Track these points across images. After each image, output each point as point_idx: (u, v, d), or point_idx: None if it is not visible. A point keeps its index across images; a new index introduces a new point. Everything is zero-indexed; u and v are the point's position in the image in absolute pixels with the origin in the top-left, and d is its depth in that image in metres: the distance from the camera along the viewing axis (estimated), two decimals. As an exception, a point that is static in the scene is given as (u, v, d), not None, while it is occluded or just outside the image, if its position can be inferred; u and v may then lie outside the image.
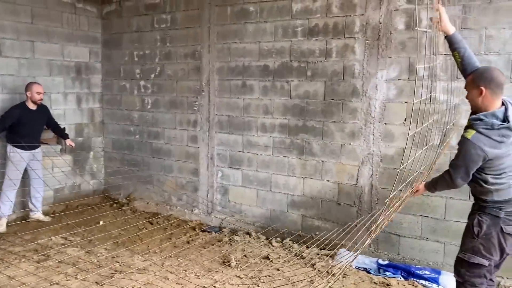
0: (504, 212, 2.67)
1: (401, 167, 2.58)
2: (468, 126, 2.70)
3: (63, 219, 5.69)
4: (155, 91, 6.11)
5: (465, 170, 2.68)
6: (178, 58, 5.84)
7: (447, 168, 2.85)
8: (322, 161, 4.80)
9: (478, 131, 2.61)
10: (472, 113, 2.78)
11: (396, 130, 4.31)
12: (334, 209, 4.76)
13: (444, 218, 4.13)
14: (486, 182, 2.70)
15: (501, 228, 2.68)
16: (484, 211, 2.73)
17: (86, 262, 4.27)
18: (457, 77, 3.98)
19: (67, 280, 3.86)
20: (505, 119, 2.61)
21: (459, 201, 4.05)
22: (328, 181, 4.78)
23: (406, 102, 4.23)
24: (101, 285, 3.77)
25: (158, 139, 6.15)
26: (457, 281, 2.89)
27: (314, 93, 4.78)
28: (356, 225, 4.60)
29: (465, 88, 2.80)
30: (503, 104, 2.67)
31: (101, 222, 5.57)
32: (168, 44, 5.91)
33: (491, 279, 2.82)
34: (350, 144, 4.60)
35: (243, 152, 5.40)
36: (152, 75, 6.11)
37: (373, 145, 4.45)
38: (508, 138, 2.61)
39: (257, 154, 5.28)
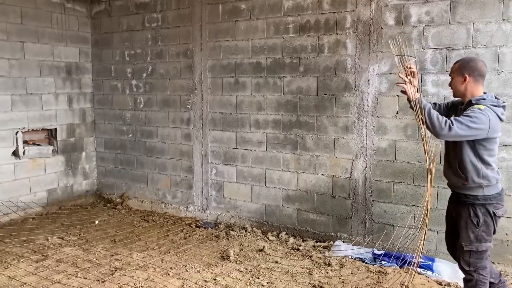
0: (492, 199, 2.88)
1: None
2: (474, 105, 2.85)
3: (58, 220, 5.68)
4: (148, 90, 6.12)
5: (467, 132, 2.74)
6: (170, 57, 5.87)
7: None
8: (316, 155, 4.89)
9: (487, 106, 2.81)
10: (460, 102, 3.04)
11: (388, 123, 4.43)
12: (329, 202, 4.85)
13: (436, 207, 4.25)
14: (478, 176, 2.86)
15: (493, 212, 2.89)
16: (475, 201, 2.89)
17: (85, 261, 4.29)
18: (446, 70, 4.10)
19: (68, 279, 3.88)
20: None
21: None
22: (322, 175, 4.87)
23: (397, 95, 4.34)
24: (103, 282, 3.80)
25: (152, 138, 6.16)
26: (468, 271, 2.98)
27: (307, 88, 4.87)
28: (351, 218, 4.71)
29: (450, 75, 3.03)
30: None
31: (96, 222, 5.57)
32: (159, 43, 5.93)
33: None
34: (343, 138, 4.70)
35: (237, 148, 5.45)
36: (144, 74, 6.12)
37: (366, 138, 4.56)
38: (504, 118, 2.88)
39: (251, 150, 5.34)
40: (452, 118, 2.78)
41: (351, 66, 4.59)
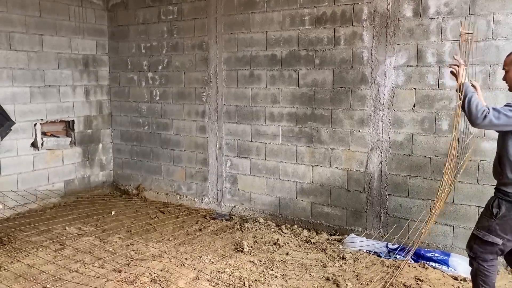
0: None
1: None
2: None
3: (75, 210, 5.78)
4: (163, 82, 6.16)
5: (502, 118, 2.64)
6: (185, 49, 5.89)
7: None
8: (331, 148, 4.87)
9: None
10: None
11: (405, 117, 4.38)
12: (343, 196, 4.83)
13: (453, 201, 4.20)
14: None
15: None
16: (504, 197, 2.79)
17: (102, 251, 4.36)
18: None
19: (85, 268, 3.95)
20: None
21: (468, 185, 4.12)
22: (337, 168, 4.85)
23: (415, 88, 4.29)
24: (119, 272, 3.86)
25: (167, 130, 6.21)
26: (469, 255, 2.97)
27: (323, 81, 4.84)
28: (366, 211, 4.69)
29: (505, 67, 2.87)
30: None
31: (113, 212, 5.65)
32: (175, 35, 5.95)
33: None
34: (359, 131, 4.66)
35: (251, 141, 5.46)
36: (160, 67, 6.16)
37: (382, 131, 4.51)
38: None
39: (266, 143, 5.34)
40: (490, 107, 2.68)
41: (367, 58, 4.54)
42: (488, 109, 2.66)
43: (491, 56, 3.93)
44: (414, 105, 4.33)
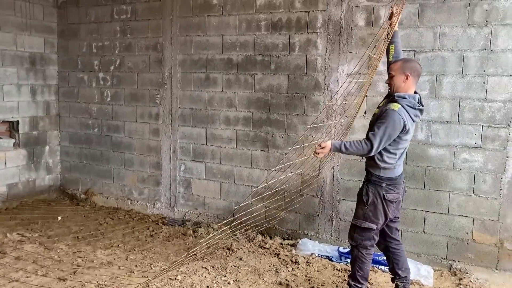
0: (385, 183, 3.18)
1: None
2: (391, 101, 3.15)
3: (18, 215, 5.47)
4: (115, 83, 5.98)
5: (386, 138, 3.04)
6: (139, 50, 5.74)
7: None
8: (285, 153, 4.90)
9: (402, 106, 3.08)
10: (388, 95, 3.30)
11: (356, 123, 4.47)
12: (297, 200, 4.87)
13: (401, 206, 4.33)
14: (379, 158, 3.14)
15: (384, 195, 3.16)
16: (370, 182, 3.22)
17: (46, 258, 4.15)
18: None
19: (27, 277, 3.74)
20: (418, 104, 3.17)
21: (415, 190, 4.27)
22: (291, 172, 4.89)
23: (366, 95, 4.39)
24: (64, 280, 3.68)
25: (119, 133, 6.02)
26: (351, 245, 3.34)
27: (278, 86, 4.87)
28: (318, 215, 4.75)
29: (391, 72, 3.23)
30: (415, 93, 3.22)
31: (59, 218, 5.40)
32: (128, 35, 5.79)
33: (394, 238, 3.43)
34: (312, 136, 4.72)
35: (206, 145, 5.40)
36: (112, 67, 5.97)
37: (335, 137, 4.59)
38: (417, 120, 3.16)
39: (221, 147, 5.30)
40: (368, 135, 3.11)
41: (321, 65, 4.61)
42: (371, 141, 3.06)
43: (437, 67, 4.10)
44: (365, 112, 4.44)
